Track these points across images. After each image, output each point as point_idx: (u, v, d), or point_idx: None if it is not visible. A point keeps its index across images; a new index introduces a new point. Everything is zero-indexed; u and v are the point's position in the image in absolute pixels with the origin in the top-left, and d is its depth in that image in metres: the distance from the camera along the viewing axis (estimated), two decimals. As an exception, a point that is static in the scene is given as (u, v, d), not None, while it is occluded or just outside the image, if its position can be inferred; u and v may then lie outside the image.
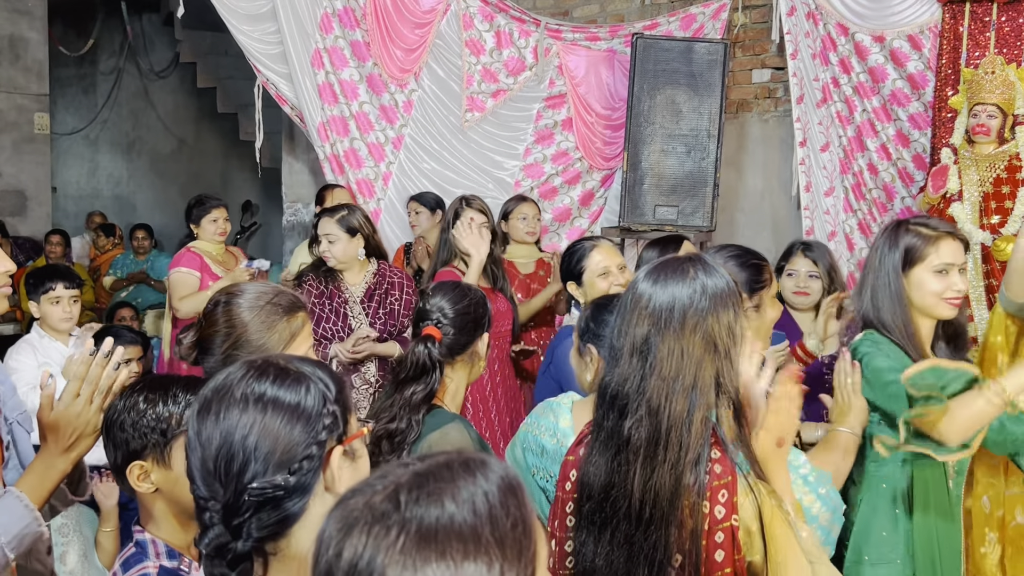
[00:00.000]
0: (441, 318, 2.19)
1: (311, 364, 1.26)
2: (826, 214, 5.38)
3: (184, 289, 4.36)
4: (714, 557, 1.57)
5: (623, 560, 1.59)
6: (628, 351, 1.63)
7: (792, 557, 1.60)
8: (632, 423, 1.60)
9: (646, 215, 5.22)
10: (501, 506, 0.88)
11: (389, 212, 5.41)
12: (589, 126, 5.68)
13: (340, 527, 0.88)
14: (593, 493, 1.64)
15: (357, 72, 5.29)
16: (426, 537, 0.84)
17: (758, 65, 5.88)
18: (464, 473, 0.90)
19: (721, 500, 1.58)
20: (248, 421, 1.15)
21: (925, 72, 5.02)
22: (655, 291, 1.64)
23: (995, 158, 4.45)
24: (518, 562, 0.86)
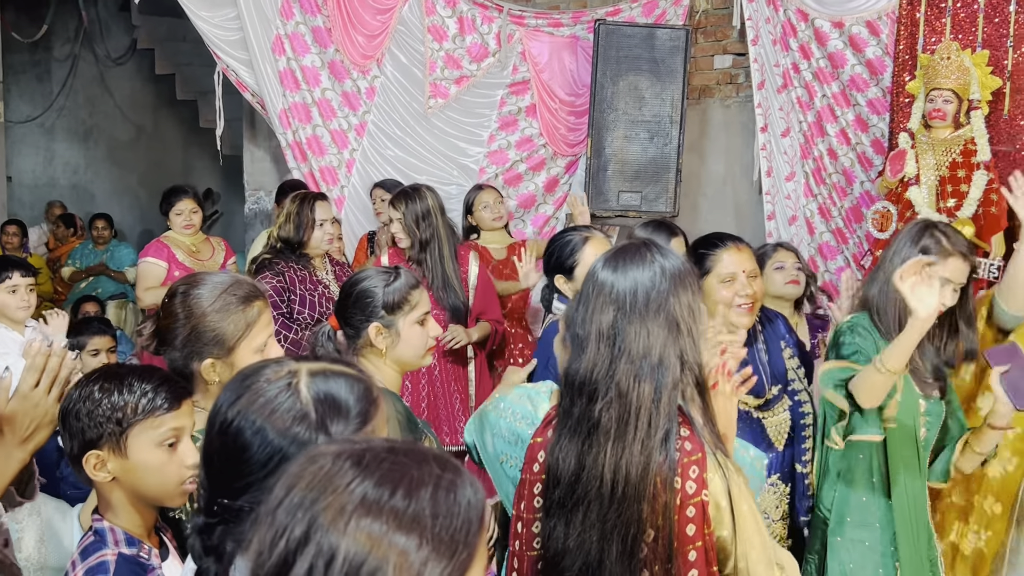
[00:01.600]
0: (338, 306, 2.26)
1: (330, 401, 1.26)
2: (787, 199, 5.45)
3: (149, 280, 4.38)
4: (685, 531, 1.61)
5: (595, 540, 1.61)
6: (595, 338, 1.66)
7: (758, 533, 1.66)
8: (602, 406, 1.63)
9: (610, 201, 5.24)
10: (451, 510, 0.91)
11: (353, 200, 5.39)
12: (553, 112, 5.69)
13: (303, 465, 0.94)
14: (563, 478, 1.67)
15: (319, 58, 5.24)
16: (368, 501, 0.89)
17: (720, 51, 5.92)
18: (435, 468, 0.94)
19: (692, 476, 1.62)
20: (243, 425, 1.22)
21: (883, 58, 5.08)
22: (616, 278, 1.67)
23: (951, 142, 4.53)
24: (447, 560, 0.89)
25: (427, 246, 3.71)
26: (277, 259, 3.66)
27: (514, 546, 1.79)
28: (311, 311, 3.61)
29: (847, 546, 2.56)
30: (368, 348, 2.19)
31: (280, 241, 3.70)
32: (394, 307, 2.19)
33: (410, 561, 0.87)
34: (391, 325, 2.19)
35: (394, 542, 0.87)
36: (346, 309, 2.23)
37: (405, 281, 2.23)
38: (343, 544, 0.87)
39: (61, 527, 2.50)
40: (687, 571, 1.61)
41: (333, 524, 0.88)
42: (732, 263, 2.54)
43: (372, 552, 0.87)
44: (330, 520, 0.88)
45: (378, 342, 2.17)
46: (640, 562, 1.60)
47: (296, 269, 3.67)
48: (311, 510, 0.90)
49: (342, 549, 0.87)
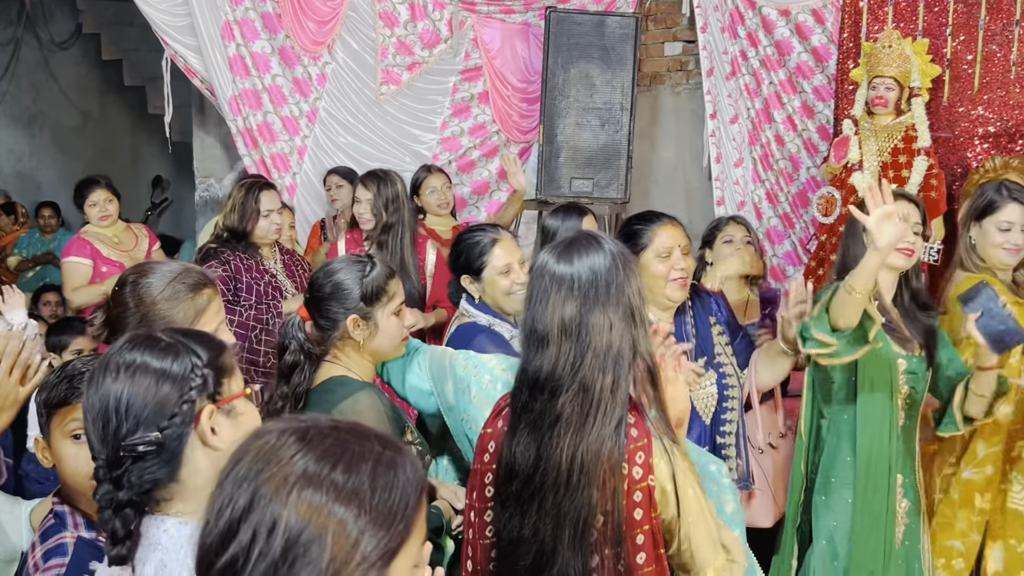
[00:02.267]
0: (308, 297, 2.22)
1: (190, 335, 1.40)
2: (736, 184, 5.53)
3: (75, 279, 4.25)
4: (633, 515, 1.65)
5: (550, 528, 1.64)
6: (558, 333, 1.66)
7: (702, 516, 1.70)
8: (565, 400, 1.65)
9: (562, 188, 5.29)
10: (390, 484, 0.97)
11: (305, 187, 5.35)
12: (505, 99, 5.71)
13: (250, 439, 1.00)
14: (521, 472, 1.68)
15: (269, 44, 5.19)
16: (309, 473, 0.95)
17: (670, 38, 5.98)
18: (376, 446, 0.99)
19: (638, 461, 1.65)
20: (120, 386, 1.30)
21: (828, 46, 5.18)
22: (573, 269, 1.68)
23: (893, 129, 4.64)
24: (385, 531, 0.95)
25: (390, 230, 3.75)
26: (223, 248, 3.62)
27: (468, 534, 1.81)
28: (257, 299, 3.58)
29: (831, 504, 2.66)
30: (344, 340, 2.15)
31: (226, 230, 3.67)
32: (372, 298, 2.14)
33: (348, 531, 0.93)
34: (369, 317, 2.14)
35: (333, 512, 0.93)
36: (320, 301, 2.17)
37: (381, 271, 2.18)
38: (285, 513, 0.92)
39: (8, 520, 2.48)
40: (635, 554, 1.65)
41: (276, 494, 0.93)
42: (668, 238, 2.61)
43: (312, 522, 0.92)
44: (273, 491, 0.94)
45: (356, 334, 2.13)
46: (591, 546, 1.63)
47: (243, 258, 3.63)
48: (255, 481, 0.95)
49: (284, 518, 0.92)
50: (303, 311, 2.20)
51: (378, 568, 0.95)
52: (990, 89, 4.72)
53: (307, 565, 0.92)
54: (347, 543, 0.93)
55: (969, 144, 4.79)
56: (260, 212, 3.64)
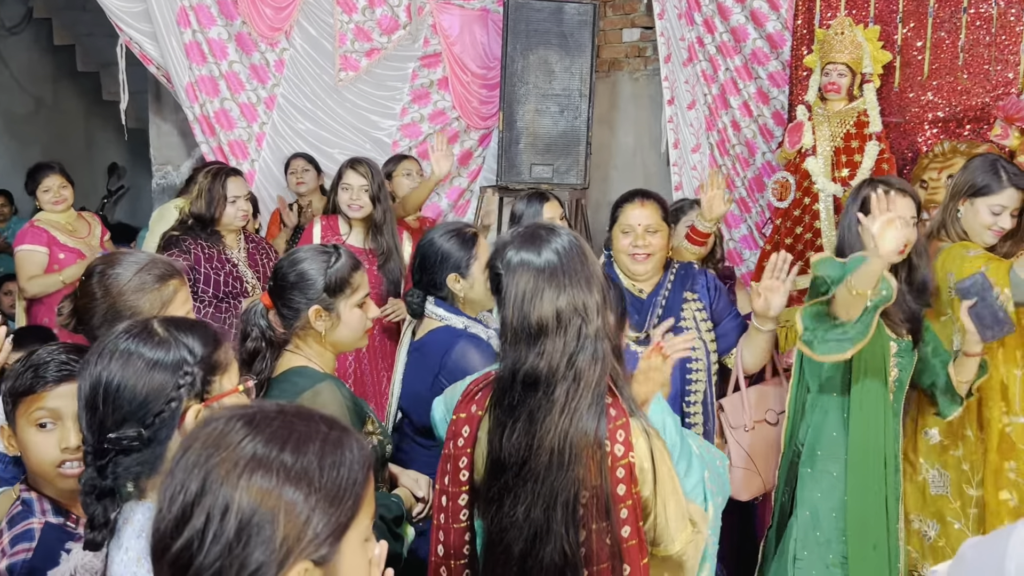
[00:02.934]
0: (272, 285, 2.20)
1: (188, 328, 1.38)
2: (693, 170, 5.60)
3: (31, 268, 4.22)
4: (616, 491, 1.70)
5: (542, 509, 1.67)
6: (554, 326, 1.67)
7: (673, 492, 1.76)
8: (561, 390, 1.67)
9: (522, 174, 5.32)
10: (337, 463, 1.02)
11: (264, 174, 5.33)
12: (465, 85, 5.72)
13: (199, 427, 1.03)
14: (511, 463, 1.70)
15: (225, 31, 5.15)
16: (257, 456, 0.98)
17: (628, 24, 6.02)
18: (321, 427, 1.03)
19: (619, 439, 1.70)
20: (109, 374, 1.31)
21: (783, 32, 5.25)
22: (556, 258, 1.70)
23: (845, 114, 4.73)
24: (334, 508, 1.00)
25: (386, 216, 3.75)
26: (186, 236, 3.60)
27: (439, 519, 1.82)
28: (215, 290, 3.56)
29: (816, 476, 2.78)
30: (306, 330, 2.14)
31: (192, 217, 3.63)
32: (336, 289, 2.13)
33: (298, 510, 0.97)
34: (332, 308, 2.13)
35: (283, 494, 0.97)
36: (284, 290, 2.15)
37: (346, 263, 2.16)
38: (236, 496, 0.96)
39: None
40: (621, 527, 1.70)
41: (227, 479, 0.97)
42: (632, 216, 2.85)
43: (263, 503, 0.96)
44: (224, 475, 0.97)
45: (317, 325, 2.12)
46: (581, 520, 1.68)
47: (204, 247, 3.61)
48: (205, 467, 0.98)
49: (235, 501, 0.96)
50: (266, 298, 2.20)
51: (329, 543, 1.00)
52: (939, 75, 4.82)
53: (260, 544, 0.95)
54: (298, 522, 0.97)
55: (919, 129, 4.89)
56: (227, 198, 3.62)
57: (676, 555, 1.77)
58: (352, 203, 3.72)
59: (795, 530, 2.78)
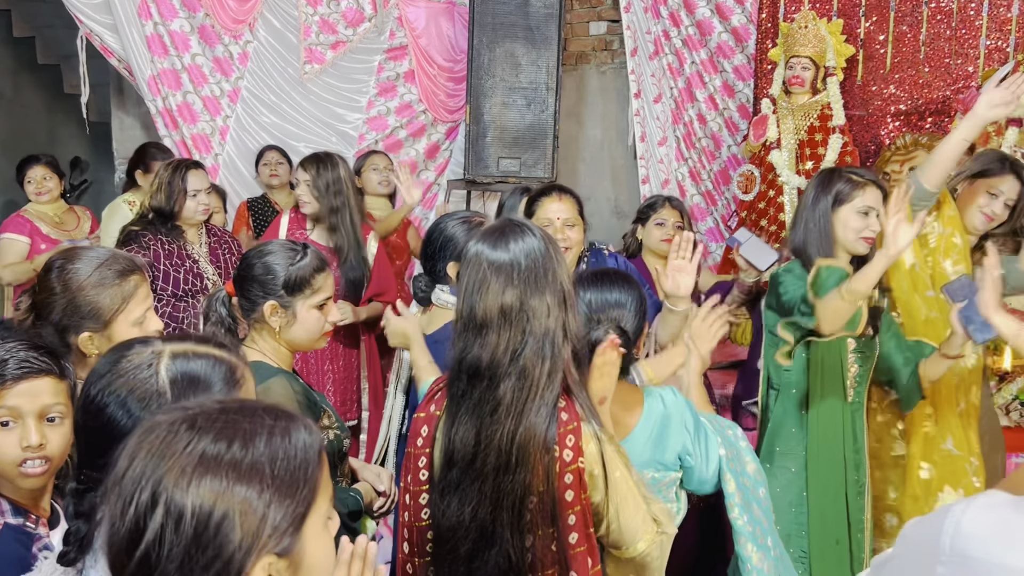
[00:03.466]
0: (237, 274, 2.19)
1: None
2: (660, 163, 5.63)
3: (10, 256, 4.28)
4: (564, 497, 1.68)
5: (489, 510, 1.66)
6: (498, 320, 1.67)
7: (631, 494, 1.74)
8: (506, 387, 1.66)
9: (490, 167, 5.31)
10: (288, 453, 1.01)
11: (228, 168, 5.28)
12: (432, 78, 5.69)
13: (141, 435, 1.01)
14: (459, 459, 1.70)
15: (188, 23, 5.09)
16: (206, 459, 0.97)
17: (595, 17, 6.03)
18: (266, 419, 1.03)
19: (569, 444, 1.68)
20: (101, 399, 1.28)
21: (748, 26, 5.29)
22: (511, 256, 1.69)
23: (809, 108, 4.77)
24: (290, 498, 0.99)
25: (339, 213, 3.68)
26: (146, 231, 3.53)
27: (403, 517, 1.82)
28: (174, 287, 3.50)
29: (774, 472, 2.78)
30: (262, 324, 2.13)
31: (151, 211, 3.56)
32: (295, 288, 2.11)
33: (254, 508, 0.97)
34: (288, 306, 2.11)
35: (236, 494, 0.96)
36: (245, 280, 2.13)
37: (311, 262, 2.14)
38: (189, 502, 0.95)
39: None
40: (568, 533, 1.69)
41: (177, 485, 0.95)
42: (551, 209, 2.87)
43: (217, 506, 0.95)
44: (174, 482, 0.96)
45: (272, 321, 2.10)
46: (526, 525, 1.66)
47: (164, 242, 3.54)
48: (154, 476, 0.97)
49: (189, 506, 0.95)
50: (230, 286, 2.17)
51: (290, 534, 0.99)
52: (901, 69, 4.87)
53: (220, 546, 0.95)
54: (255, 519, 0.97)
55: (882, 122, 4.94)
56: (188, 192, 3.55)
57: (639, 556, 1.76)
58: (300, 198, 3.71)
59: None
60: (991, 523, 0.86)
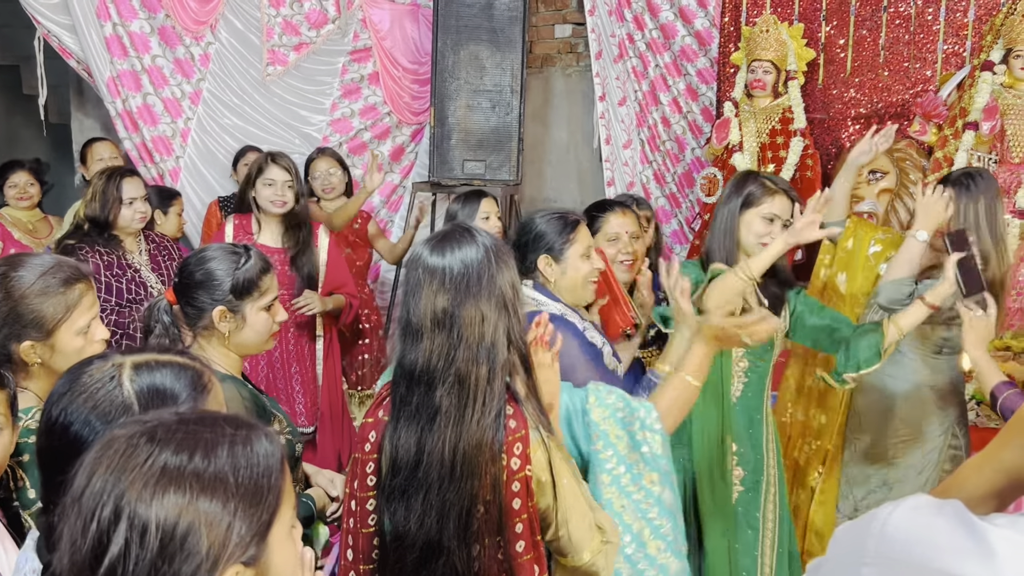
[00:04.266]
0: (177, 281, 2.15)
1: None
2: (625, 165, 5.65)
3: None
4: (512, 505, 1.68)
5: (435, 520, 1.65)
6: (430, 326, 1.67)
7: (578, 501, 1.74)
8: (442, 393, 1.66)
9: (455, 170, 5.30)
10: (251, 462, 1.00)
11: (189, 171, 5.22)
12: (396, 80, 5.67)
13: (99, 450, 0.99)
14: (403, 466, 1.69)
15: (148, 24, 5.03)
16: (168, 472, 0.96)
17: (560, 20, 6.04)
18: (227, 429, 1.02)
19: (516, 452, 1.68)
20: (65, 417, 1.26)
21: (711, 29, 5.32)
22: (445, 262, 1.70)
23: (770, 111, 4.81)
24: (255, 507, 0.98)
25: (301, 210, 3.65)
26: (82, 243, 3.43)
27: (348, 523, 1.81)
28: (118, 298, 3.43)
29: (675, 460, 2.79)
30: (210, 331, 2.11)
31: (87, 221, 3.48)
32: (243, 291, 2.10)
33: (219, 519, 0.96)
34: (237, 310, 2.10)
35: (200, 505, 0.95)
36: (189, 288, 2.11)
37: (256, 265, 2.13)
38: (153, 515, 0.93)
39: None
40: (515, 542, 1.69)
41: (140, 499, 0.94)
42: (615, 225, 2.87)
43: (182, 517, 0.94)
44: (136, 496, 0.94)
45: (221, 326, 2.09)
46: (473, 535, 1.66)
47: (103, 254, 3.45)
48: (115, 491, 0.95)
49: (153, 520, 0.93)
50: (170, 294, 2.15)
51: (256, 543, 0.99)
52: (861, 72, 4.93)
53: (187, 559, 0.94)
54: (221, 530, 0.96)
55: (842, 125, 5.00)
56: (122, 200, 3.48)
57: (586, 565, 1.76)
58: (276, 199, 3.60)
59: None
60: (914, 526, 0.88)
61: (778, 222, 2.69)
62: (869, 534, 0.89)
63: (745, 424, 2.79)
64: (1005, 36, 4.21)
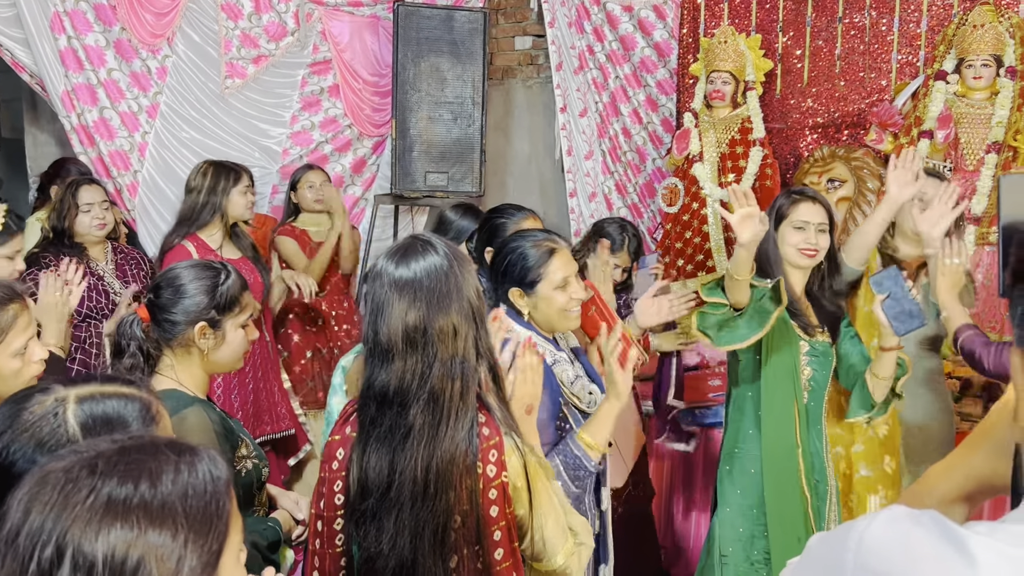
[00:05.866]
0: (152, 298, 2.12)
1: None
2: (587, 176, 5.67)
3: None
4: (489, 513, 1.67)
5: (408, 539, 1.63)
6: (403, 345, 1.64)
7: (551, 505, 1.74)
8: (416, 412, 1.63)
9: (417, 182, 5.28)
10: (197, 489, 0.96)
11: (147, 186, 5.13)
12: (357, 93, 5.65)
13: (34, 486, 0.94)
14: (373, 489, 1.66)
15: (103, 37, 4.95)
16: (113, 505, 0.91)
17: (520, 32, 6.05)
18: (170, 455, 0.97)
19: (492, 460, 1.67)
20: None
21: (670, 41, 5.37)
22: (413, 274, 1.66)
23: (730, 121, 4.86)
24: (205, 536, 0.94)
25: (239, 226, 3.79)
26: (47, 252, 3.48)
27: (314, 544, 1.77)
28: (79, 307, 3.44)
29: (734, 475, 2.87)
30: (186, 348, 2.07)
31: (52, 231, 3.56)
32: (225, 307, 2.08)
33: (169, 552, 0.91)
34: (218, 326, 2.08)
35: (149, 538, 0.91)
36: (167, 304, 2.07)
37: (236, 281, 2.11)
38: (100, 552, 0.89)
39: None
40: (494, 550, 1.67)
41: (84, 536, 0.89)
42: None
43: (131, 552, 0.90)
44: (80, 533, 0.89)
45: (201, 343, 2.06)
46: (450, 548, 1.64)
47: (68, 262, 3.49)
48: (56, 529, 0.90)
49: (100, 557, 0.89)
50: (143, 311, 2.10)
51: (208, 573, 0.95)
52: (818, 82, 5.00)
53: None
54: (171, 563, 0.92)
55: (800, 135, 5.06)
56: (79, 207, 3.54)
57: (559, 569, 1.76)
58: (248, 210, 3.82)
59: (717, 528, 2.87)
60: (893, 537, 0.87)
61: (811, 228, 2.82)
62: (846, 548, 0.89)
63: (807, 432, 2.86)
64: (957, 46, 4.29)
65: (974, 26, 4.21)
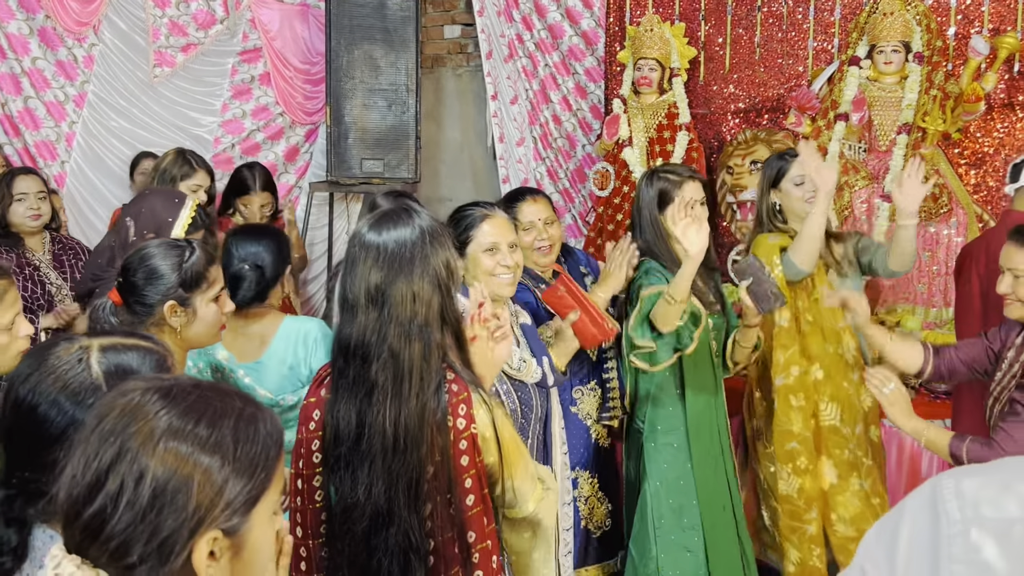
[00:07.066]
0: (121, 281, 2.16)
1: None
2: (519, 163, 5.78)
3: None
4: (460, 463, 1.77)
5: (383, 490, 1.72)
6: (364, 302, 1.74)
7: (519, 455, 1.86)
8: (377, 367, 1.73)
9: (353, 169, 5.32)
10: (251, 437, 1.05)
11: (75, 176, 5.06)
12: (288, 80, 5.64)
13: (114, 396, 1.04)
14: (345, 437, 1.75)
15: (26, 25, 4.85)
16: (175, 426, 1.01)
17: (449, 21, 6.12)
18: (236, 403, 1.07)
19: (461, 413, 1.77)
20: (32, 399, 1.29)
21: (597, 29, 5.51)
22: (382, 240, 1.76)
23: (657, 107, 5.03)
24: (247, 480, 1.03)
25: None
26: None
27: (295, 502, 1.85)
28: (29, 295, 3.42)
29: (660, 450, 3.00)
30: (160, 327, 2.10)
31: None
32: (191, 284, 2.11)
33: (213, 479, 1.00)
34: (187, 303, 2.11)
35: (199, 462, 1.00)
36: (135, 286, 2.10)
37: (202, 256, 2.14)
38: (152, 464, 0.98)
39: None
40: (465, 497, 1.77)
41: (143, 447, 0.99)
42: (529, 213, 2.98)
43: (178, 471, 0.99)
44: (140, 444, 0.99)
45: (173, 321, 2.09)
46: (424, 497, 1.73)
47: (2, 253, 3.46)
48: (122, 435, 0.99)
49: (151, 469, 0.98)
50: (115, 295, 2.13)
51: (241, 513, 1.03)
52: (739, 69, 5.20)
53: (173, 512, 0.98)
54: (212, 490, 1.00)
55: (723, 119, 5.26)
56: (13, 196, 3.48)
57: (531, 515, 1.87)
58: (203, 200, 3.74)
59: (649, 499, 3.00)
60: (988, 484, 0.80)
61: (697, 205, 2.93)
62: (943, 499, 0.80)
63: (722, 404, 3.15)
64: (869, 33, 4.53)
65: (884, 14, 4.45)
